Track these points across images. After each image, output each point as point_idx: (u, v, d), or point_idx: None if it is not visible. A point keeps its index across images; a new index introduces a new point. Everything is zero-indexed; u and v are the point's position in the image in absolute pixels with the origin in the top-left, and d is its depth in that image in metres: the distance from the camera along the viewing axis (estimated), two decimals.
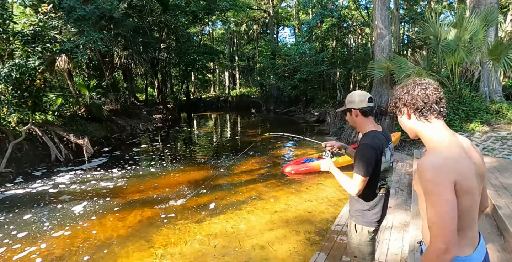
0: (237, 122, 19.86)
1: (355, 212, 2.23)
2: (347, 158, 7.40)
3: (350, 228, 2.30)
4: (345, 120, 12.62)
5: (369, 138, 2.12)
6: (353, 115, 2.22)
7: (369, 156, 2.02)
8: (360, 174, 2.00)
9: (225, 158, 9.03)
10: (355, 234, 2.24)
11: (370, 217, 2.16)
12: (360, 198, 2.16)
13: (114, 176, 7.30)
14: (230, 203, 5.62)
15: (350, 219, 2.31)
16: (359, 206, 2.19)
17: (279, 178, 7.09)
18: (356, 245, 2.26)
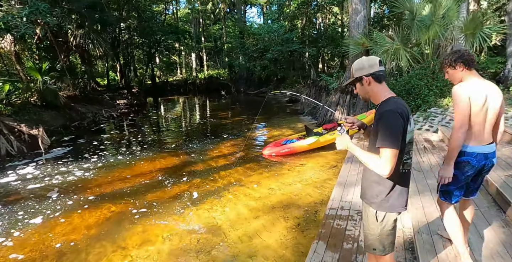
0: (207, 105, 19.12)
1: (375, 197, 1.88)
2: (328, 137, 7.19)
3: (367, 218, 1.95)
4: (320, 99, 12.52)
5: (391, 103, 1.77)
6: (364, 84, 1.87)
7: (396, 123, 1.68)
8: (390, 146, 1.65)
9: (197, 142, 8.48)
10: (375, 223, 1.90)
11: (396, 200, 1.84)
12: (382, 179, 1.81)
13: (78, 168, 6.55)
14: (209, 191, 5.17)
15: (366, 207, 1.95)
16: (381, 189, 1.85)
17: (258, 161, 6.72)
18: (376, 236, 1.92)
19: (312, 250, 2.91)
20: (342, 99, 9.87)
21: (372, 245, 1.96)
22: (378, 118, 1.76)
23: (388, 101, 1.81)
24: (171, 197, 4.93)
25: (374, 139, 1.84)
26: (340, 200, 4.04)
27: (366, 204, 1.95)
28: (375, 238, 1.93)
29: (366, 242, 2.01)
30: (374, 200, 1.88)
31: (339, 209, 3.78)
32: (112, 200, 4.88)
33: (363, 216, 2.01)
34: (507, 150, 5.27)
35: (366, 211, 1.96)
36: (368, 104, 9.57)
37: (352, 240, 3.11)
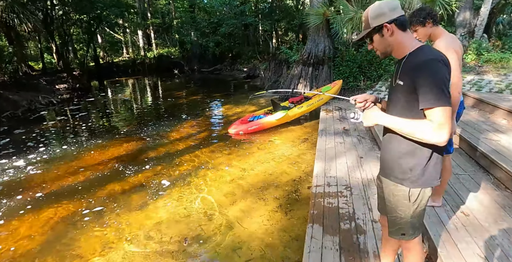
0: (159, 85, 17.83)
1: (408, 172, 1.50)
2: (297, 111, 6.82)
3: (395, 199, 1.57)
4: (280, 73, 12.11)
5: (427, 51, 1.39)
6: (386, 35, 1.45)
7: (444, 75, 1.31)
8: (443, 103, 1.28)
9: (153, 125, 7.66)
10: (406, 204, 1.54)
11: (432, 172, 1.49)
12: (418, 148, 1.44)
13: (17, 162, 5.50)
14: (174, 178, 4.58)
15: (393, 187, 1.57)
16: (416, 161, 1.48)
17: (224, 141, 6.19)
18: (408, 219, 1.57)
19: (309, 236, 2.52)
20: (305, 72, 9.52)
21: (401, 230, 1.60)
22: (415, 72, 1.34)
23: (423, 50, 1.40)
24: (130, 190, 4.27)
25: (404, 103, 1.44)
26: (324, 175, 3.70)
27: (393, 183, 1.56)
28: (406, 222, 1.57)
29: (392, 227, 1.64)
30: (406, 176, 1.50)
31: (326, 185, 3.44)
32: (61, 199, 4.10)
33: (387, 198, 1.63)
34: (474, 113, 5.28)
35: (392, 192, 1.58)
36: (330, 76, 9.35)
37: (349, 219, 2.78)
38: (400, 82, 1.43)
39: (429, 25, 2.32)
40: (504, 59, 8.73)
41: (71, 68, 18.78)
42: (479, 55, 9.09)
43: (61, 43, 18.42)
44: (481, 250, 2.14)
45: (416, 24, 2.34)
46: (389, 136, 1.55)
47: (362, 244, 2.42)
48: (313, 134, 6.35)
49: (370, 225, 2.69)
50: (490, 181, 3.20)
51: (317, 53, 9.52)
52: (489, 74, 8.16)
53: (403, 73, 1.42)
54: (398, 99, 1.47)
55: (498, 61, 8.70)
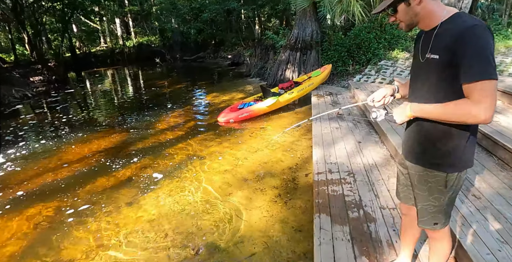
0: (140, 75, 17.19)
1: (446, 155, 1.33)
2: (288, 97, 6.62)
3: (431, 186, 1.40)
4: (266, 59, 11.82)
5: (466, 18, 1.19)
6: (413, 3, 1.25)
7: (489, 43, 1.11)
8: (489, 75, 1.10)
9: (137, 116, 7.30)
10: (442, 191, 1.38)
11: (469, 153, 1.34)
12: (458, 129, 1.27)
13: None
14: (165, 170, 4.33)
15: (425, 173, 1.40)
16: (456, 143, 1.31)
17: (214, 130, 5.94)
18: (442, 207, 1.42)
19: (317, 227, 2.36)
20: (292, 57, 9.28)
21: (434, 219, 1.44)
22: (457, 41, 1.14)
23: (461, 17, 1.21)
24: (118, 185, 3.99)
25: (437, 82, 1.26)
26: (325, 162, 3.54)
27: (426, 169, 1.38)
28: (440, 210, 1.41)
29: (423, 217, 1.47)
30: (443, 161, 1.33)
31: (328, 172, 3.28)
32: (43, 197, 3.79)
33: (417, 186, 1.46)
34: None
35: (424, 178, 1.40)
36: (318, 61, 9.15)
37: (356, 207, 2.63)
38: (435, 56, 1.24)
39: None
40: None
41: (46, 59, 17.86)
42: None
43: (33, 33, 17.43)
44: (500, 234, 2.03)
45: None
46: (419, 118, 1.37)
47: (373, 233, 2.28)
48: (305, 119, 6.17)
49: (379, 212, 2.54)
50: (494, 162, 3.11)
51: (305, 37, 9.27)
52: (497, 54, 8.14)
53: (438, 46, 1.23)
54: (428, 78, 1.29)
55: None
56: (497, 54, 7.94)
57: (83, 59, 23.32)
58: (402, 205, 1.72)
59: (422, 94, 1.32)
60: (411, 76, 1.45)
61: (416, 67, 1.39)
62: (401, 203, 1.72)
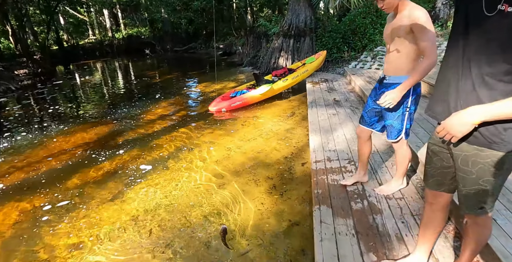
0: (130, 67, 16.72)
1: (502, 131, 1.07)
2: (282, 84, 6.33)
3: (482, 167, 1.16)
4: (259, 47, 11.46)
5: None
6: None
7: None
8: None
9: (127, 107, 6.94)
10: (497, 173, 1.15)
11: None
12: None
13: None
14: (152, 162, 4.04)
15: (477, 152, 1.15)
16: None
17: (205, 119, 5.64)
18: (492, 190, 1.20)
19: (317, 220, 2.10)
20: (286, 44, 8.96)
21: (481, 202, 1.24)
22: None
23: None
24: (102, 179, 3.69)
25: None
26: (323, 150, 3.28)
27: (476, 147, 1.13)
28: (490, 193, 1.20)
29: (467, 202, 1.25)
30: (499, 137, 1.08)
31: (327, 161, 3.02)
32: (20, 193, 3.48)
33: (463, 169, 1.22)
34: None
35: (473, 159, 1.15)
36: (313, 48, 8.84)
37: (359, 198, 2.38)
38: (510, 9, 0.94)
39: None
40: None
41: (31, 52, 17.29)
42: None
43: (18, 25, 16.82)
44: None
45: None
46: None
47: (380, 226, 2.03)
48: (301, 107, 5.91)
49: (384, 203, 2.30)
50: None
51: (298, 24, 8.94)
52: None
53: None
54: (496, 37, 1.00)
55: None
56: None
57: (71, 51, 22.70)
58: (430, 191, 1.48)
59: (484, 60, 1.04)
60: (462, 40, 1.12)
61: (476, 24, 1.06)
62: (428, 190, 1.48)
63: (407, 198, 2.38)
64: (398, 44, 1.95)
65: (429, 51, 1.79)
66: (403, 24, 1.86)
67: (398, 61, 2.00)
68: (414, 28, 1.81)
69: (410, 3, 1.88)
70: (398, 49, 1.96)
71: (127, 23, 28.86)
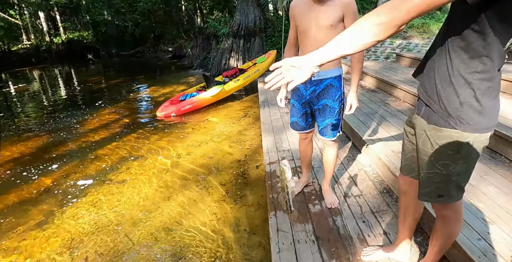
0: (72, 73, 15.49)
1: (459, 107, 1.00)
2: (233, 85, 6.13)
3: (439, 148, 1.07)
4: (209, 49, 11.15)
5: None
6: None
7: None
8: None
9: (67, 116, 6.28)
10: (454, 157, 1.05)
11: (496, 108, 1.01)
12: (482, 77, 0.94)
13: None
14: (92, 175, 3.60)
15: (434, 132, 1.07)
16: (469, 90, 0.98)
17: (152, 126, 5.24)
18: (452, 175, 1.09)
19: (273, 229, 1.90)
20: (236, 45, 8.79)
21: (438, 190, 1.14)
22: None
23: None
24: (30, 200, 3.18)
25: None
26: (276, 150, 3.11)
27: (436, 127, 1.06)
28: (447, 180, 1.10)
29: (425, 187, 1.22)
30: (456, 115, 1.03)
31: (281, 161, 2.83)
32: None
33: (421, 148, 1.14)
34: None
35: (431, 138, 1.08)
36: (263, 48, 8.75)
37: (317, 199, 2.22)
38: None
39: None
40: (425, 24, 9.01)
41: None
42: None
43: None
44: (484, 213, 1.74)
45: None
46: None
47: (341, 229, 1.88)
48: (253, 108, 5.74)
49: (343, 202, 2.16)
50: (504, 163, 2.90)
51: (248, 24, 8.81)
52: (415, 38, 8.34)
53: None
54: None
55: (420, 26, 8.95)
56: (432, 36, 8.19)
57: (2, 58, 20.62)
58: (403, 177, 1.37)
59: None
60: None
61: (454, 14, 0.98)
62: (401, 175, 1.38)
63: (365, 195, 2.27)
64: (328, 34, 1.71)
65: None
66: (335, 10, 1.67)
67: None
68: (348, 15, 1.68)
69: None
70: (327, 39, 1.67)
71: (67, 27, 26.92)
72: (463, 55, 0.92)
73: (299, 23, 1.80)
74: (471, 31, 0.87)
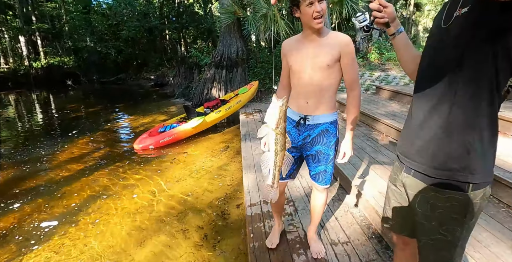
0: (49, 100, 15.05)
1: (467, 155, 0.92)
2: (215, 116, 6.03)
3: (442, 212, 0.96)
4: (191, 78, 11.15)
5: None
6: None
7: None
8: None
9: (37, 147, 5.93)
10: (462, 219, 0.94)
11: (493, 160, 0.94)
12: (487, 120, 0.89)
13: None
14: (58, 216, 3.31)
15: (438, 194, 0.96)
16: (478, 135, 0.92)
17: (128, 159, 4.99)
18: (458, 240, 0.98)
19: None
20: (218, 75, 8.80)
21: (443, 258, 1.01)
22: None
23: None
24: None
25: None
26: (258, 190, 2.96)
27: (435, 189, 0.97)
28: (452, 245, 0.98)
29: (427, 255, 1.04)
30: (464, 164, 0.94)
31: (263, 203, 2.69)
32: None
33: (420, 212, 1.02)
34: (395, 105, 5.21)
35: (430, 201, 0.98)
36: (245, 78, 8.81)
37: (302, 247, 2.07)
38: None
39: None
40: None
41: None
42: (381, 54, 9.64)
43: None
44: None
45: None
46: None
47: None
48: (235, 140, 5.62)
49: (330, 251, 2.02)
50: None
51: (230, 55, 8.90)
52: (393, 70, 8.64)
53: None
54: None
55: (398, 59, 9.32)
56: None
57: None
58: (395, 235, 1.24)
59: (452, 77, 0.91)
60: (429, 55, 1.04)
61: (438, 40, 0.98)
62: (393, 233, 1.24)
63: (353, 242, 2.14)
64: (324, 74, 1.60)
65: (358, 82, 1.64)
66: (332, 49, 1.56)
67: (322, 96, 1.65)
68: (345, 56, 1.57)
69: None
70: (322, 80, 1.62)
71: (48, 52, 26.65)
72: (472, 97, 0.85)
73: (293, 63, 1.67)
74: (490, 68, 0.81)
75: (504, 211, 2.20)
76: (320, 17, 1.47)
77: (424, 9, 26.17)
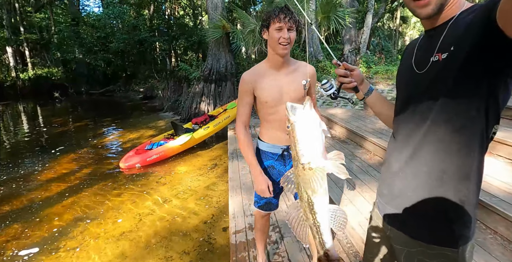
0: (36, 112, 14.79)
1: (452, 225, 0.87)
2: (203, 132, 5.98)
3: None
4: (180, 92, 11.12)
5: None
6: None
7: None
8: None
9: (18, 165, 5.78)
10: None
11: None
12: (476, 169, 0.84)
13: None
14: (38, 242, 3.20)
15: (427, 250, 0.90)
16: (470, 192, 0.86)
17: (113, 179, 4.88)
18: None
19: None
20: (207, 89, 8.79)
21: None
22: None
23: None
24: None
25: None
26: (244, 214, 2.90)
27: (423, 244, 0.91)
28: None
29: None
30: (450, 229, 0.88)
31: (248, 229, 2.63)
32: None
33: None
34: None
35: (421, 257, 0.90)
36: (234, 92, 8.81)
37: None
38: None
39: None
40: (389, 71, 9.55)
41: None
42: (369, 68, 9.79)
43: None
44: None
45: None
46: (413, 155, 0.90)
47: None
48: (223, 157, 5.57)
49: None
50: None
51: (219, 69, 8.92)
52: (380, 84, 8.74)
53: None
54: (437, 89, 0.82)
55: (385, 72, 9.47)
56: None
57: None
58: None
59: (432, 116, 0.84)
60: (400, 98, 1.00)
61: (411, 80, 0.93)
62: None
63: None
64: (301, 104, 1.60)
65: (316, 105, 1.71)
66: (303, 79, 1.54)
67: None
68: (313, 85, 1.62)
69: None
70: None
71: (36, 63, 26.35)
72: (462, 136, 0.79)
73: (266, 98, 1.56)
74: (480, 118, 0.77)
75: (491, 238, 2.20)
76: (286, 44, 1.46)
77: (410, 21, 26.90)
